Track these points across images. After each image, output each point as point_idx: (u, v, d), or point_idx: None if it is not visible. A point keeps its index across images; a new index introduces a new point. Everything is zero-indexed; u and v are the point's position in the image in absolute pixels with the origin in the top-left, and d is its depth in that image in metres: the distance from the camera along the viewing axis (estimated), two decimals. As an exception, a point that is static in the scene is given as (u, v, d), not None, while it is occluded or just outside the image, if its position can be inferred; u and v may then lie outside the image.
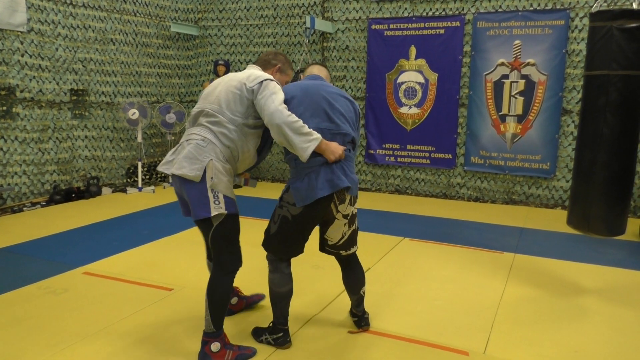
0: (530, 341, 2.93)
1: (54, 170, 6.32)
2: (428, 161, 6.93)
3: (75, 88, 6.48)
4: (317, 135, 2.54)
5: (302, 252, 2.78)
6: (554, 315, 3.29)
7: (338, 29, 7.21)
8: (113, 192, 6.91)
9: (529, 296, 3.59)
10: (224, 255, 2.59)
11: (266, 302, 3.32)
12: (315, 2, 7.28)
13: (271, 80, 2.61)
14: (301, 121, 2.51)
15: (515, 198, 6.52)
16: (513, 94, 6.31)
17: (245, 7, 7.71)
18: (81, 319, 3.12)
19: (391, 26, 6.86)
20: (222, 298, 2.60)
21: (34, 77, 5.98)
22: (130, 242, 4.66)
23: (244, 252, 2.74)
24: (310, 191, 2.57)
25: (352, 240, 2.90)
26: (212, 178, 2.49)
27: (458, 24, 6.50)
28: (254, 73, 2.65)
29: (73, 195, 6.34)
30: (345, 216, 2.77)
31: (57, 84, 6.25)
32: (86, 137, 6.69)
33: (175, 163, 2.56)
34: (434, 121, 6.82)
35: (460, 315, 3.26)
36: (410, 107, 6.94)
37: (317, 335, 2.95)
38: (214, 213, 2.49)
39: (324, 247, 2.90)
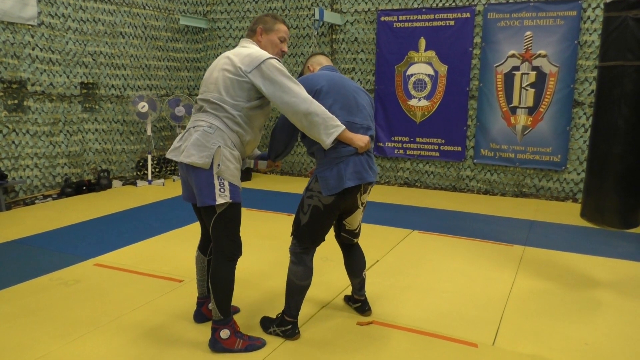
0: (540, 334, 2.92)
1: (65, 164, 6.37)
2: (437, 154, 6.90)
3: (86, 81, 6.52)
4: (340, 123, 2.54)
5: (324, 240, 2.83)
6: (564, 308, 3.28)
7: (347, 21, 7.18)
8: (123, 184, 6.96)
9: (538, 289, 3.58)
10: (224, 241, 2.59)
11: (272, 291, 3.34)
12: (324, -6, 7.25)
13: (267, 59, 2.49)
14: (323, 107, 2.52)
15: (526, 191, 6.48)
16: (524, 85, 6.25)
17: (254, 0, 7.69)
18: (92, 309, 3.15)
19: (400, 18, 6.81)
20: (226, 285, 2.60)
21: (45, 70, 6.02)
22: (141, 234, 4.70)
23: (254, 244, 2.76)
24: (339, 180, 2.60)
25: (360, 228, 3.00)
26: (219, 165, 2.48)
27: (468, 15, 6.44)
28: (247, 52, 2.56)
29: (84, 188, 6.39)
30: (362, 204, 2.87)
31: (68, 77, 6.28)
32: (96, 130, 6.73)
33: (183, 150, 2.55)
34: (444, 113, 6.78)
35: (469, 308, 3.25)
36: (419, 100, 6.90)
37: (325, 327, 2.96)
38: (219, 201, 2.48)
39: (340, 232, 2.95)
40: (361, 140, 2.61)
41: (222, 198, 2.48)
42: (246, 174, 7.34)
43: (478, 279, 3.75)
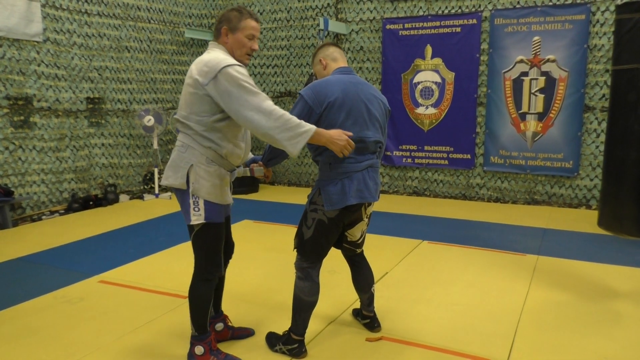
0: (556, 348, 2.81)
1: (72, 179, 6.36)
2: (446, 162, 6.80)
3: (92, 96, 6.52)
4: (307, 128, 2.29)
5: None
6: (581, 320, 3.16)
7: (352, 30, 7.13)
8: (130, 199, 6.93)
9: (553, 300, 3.46)
10: (201, 261, 2.55)
11: (280, 306, 3.26)
12: (328, 4, 7.22)
13: (224, 68, 2.26)
14: (287, 114, 2.28)
15: (538, 198, 6.35)
16: (533, 91, 6.15)
17: (258, 11, 7.68)
18: (96, 328, 3.09)
19: (406, 25, 6.76)
20: (201, 303, 2.55)
21: (51, 86, 6.03)
22: (147, 250, 4.64)
23: (261, 257, 2.68)
24: (342, 196, 2.53)
25: (364, 239, 2.92)
26: (193, 183, 2.42)
27: (475, 21, 6.37)
28: (206, 60, 2.34)
29: (91, 203, 6.38)
30: (367, 216, 2.79)
31: (74, 92, 6.29)
32: (103, 144, 6.72)
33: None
34: (452, 121, 6.69)
35: (482, 321, 3.14)
36: (427, 108, 6.82)
37: (333, 344, 2.87)
38: (192, 221, 2.44)
39: (341, 243, 2.86)
40: (334, 142, 2.34)
41: (195, 218, 2.44)
42: (253, 185, 7.28)
43: (490, 290, 3.64)
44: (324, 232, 2.63)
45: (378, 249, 4.59)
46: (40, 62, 5.89)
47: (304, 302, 2.66)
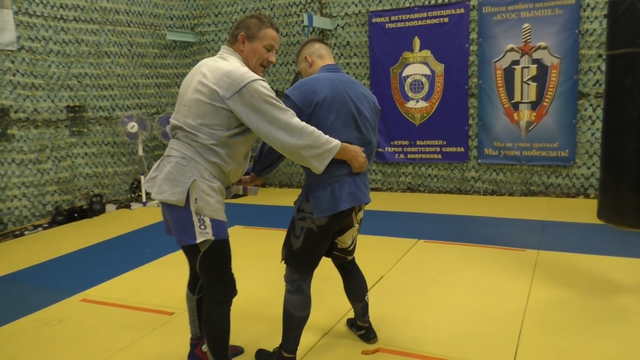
0: (563, 350, 2.65)
1: (55, 191, 6.16)
2: (439, 156, 6.64)
3: (72, 104, 6.32)
4: (334, 144, 2.25)
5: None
6: (588, 318, 3.01)
7: (338, 25, 6.95)
8: (117, 208, 6.74)
9: (557, 298, 3.31)
10: (213, 283, 2.31)
11: (273, 319, 3.09)
12: (312, -1, 7.03)
13: (250, 83, 2.11)
14: (316, 131, 2.20)
15: (534, 189, 6.21)
16: (525, 80, 6.00)
17: (241, 10, 7.49)
18: (76, 353, 2.91)
19: (392, 18, 6.58)
20: (220, 329, 2.33)
21: (28, 96, 5.82)
22: (132, 263, 4.46)
23: (252, 265, 2.50)
24: (333, 202, 2.37)
25: (355, 245, 2.74)
26: (196, 200, 2.17)
27: (462, 10, 6.20)
28: (225, 70, 2.16)
29: (75, 215, 6.18)
30: (358, 222, 2.61)
31: (52, 101, 6.08)
32: (86, 154, 6.52)
33: (156, 183, 2.26)
34: (444, 114, 6.53)
35: (484, 326, 2.99)
36: (417, 101, 6.65)
37: (327, 358, 2.70)
38: (199, 240, 2.18)
39: (331, 251, 2.68)
40: (357, 159, 2.36)
41: (202, 235, 2.19)
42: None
43: (491, 291, 3.49)
44: (314, 242, 2.46)
45: (372, 251, 4.42)
46: (16, 71, 5.68)
47: (295, 318, 2.49)
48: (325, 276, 3.73)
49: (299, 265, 2.49)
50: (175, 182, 2.18)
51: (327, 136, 2.25)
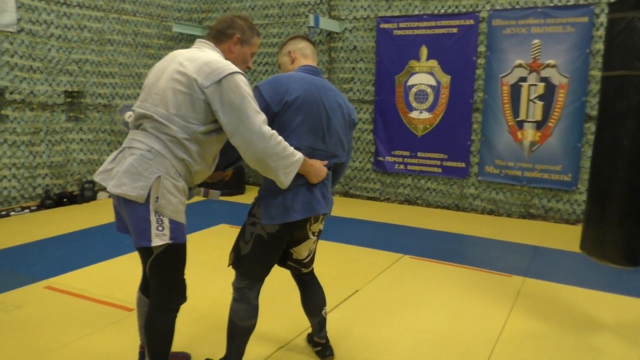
0: (528, 390, 2.47)
1: (47, 174, 6.11)
2: (440, 170, 6.46)
3: (70, 90, 6.27)
4: (298, 156, 2.14)
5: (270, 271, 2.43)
6: (559, 355, 2.82)
7: (345, 29, 6.82)
8: (110, 196, 6.65)
9: (533, 330, 3.12)
10: (162, 288, 2.16)
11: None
12: (321, 0, 6.91)
13: (232, 73, 2.03)
14: (283, 141, 2.08)
15: (533, 212, 5.99)
16: (531, 98, 5.79)
17: (250, 6, 7.40)
18: (20, 342, 2.81)
19: (401, 25, 6.43)
20: (162, 337, 2.17)
21: (25, 78, 5.78)
22: (108, 253, 4.36)
23: (215, 267, 2.36)
24: (284, 211, 2.23)
25: (313, 257, 2.61)
26: (157, 199, 2.02)
27: (472, 22, 6.02)
28: (206, 60, 2.07)
29: (65, 200, 6.12)
30: (314, 233, 2.45)
31: (50, 85, 6.04)
32: (81, 140, 6.47)
33: (113, 177, 2.07)
34: (446, 127, 6.34)
35: (449, 353, 2.81)
36: (421, 112, 6.48)
37: (276, 373, 2.56)
38: (155, 243, 2.03)
39: (285, 261, 2.53)
40: (317, 176, 2.26)
41: (159, 239, 2.03)
42: (239, 187, 6.98)
43: (465, 316, 3.31)
44: (264, 249, 2.32)
45: (353, 263, 4.28)
46: (14, 53, 5.65)
47: (238, 328, 2.36)
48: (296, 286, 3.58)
49: (246, 271, 2.35)
50: (137, 176, 2.02)
51: (292, 148, 2.12)
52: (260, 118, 2.05)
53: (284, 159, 2.08)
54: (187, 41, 7.71)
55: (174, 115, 2.04)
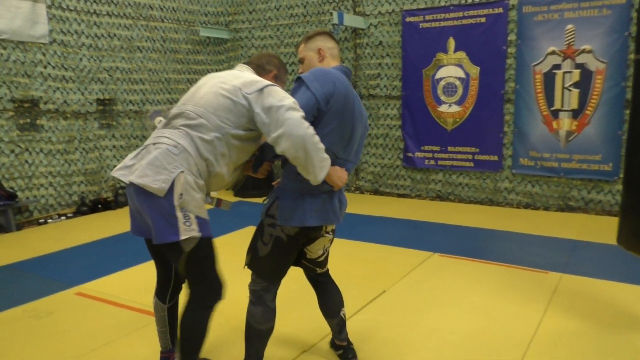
0: (562, 394, 2.34)
1: (82, 181, 6.27)
2: (472, 164, 6.27)
3: (102, 97, 6.41)
4: (328, 157, 2.10)
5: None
6: (598, 355, 2.66)
7: (370, 24, 6.71)
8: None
9: (570, 329, 2.96)
10: (201, 285, 2.15)
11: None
12: (346, -3, 6.83)
13: (273, 85, 2.12)
14: (317, 136, 2.03)
15: (572, 204, 5.73)
16: (566, 86, 5.54)
17: (275, 7, 7.39)
18: (51, 348, 2.86)
19: (427, 17, 6.27)
20: (198, 335, 2.17)
21: (58, 88, 5.95)
22: (138, 258, 4.40)
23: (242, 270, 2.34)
24: (300, 214, 2.19)
25: (327, 257, 2.55)
26: (181, 195, 2.01)
27: (501, 10, 5.81)
28: (250, 76, 2.18)
29: (99, 206, 6.27)
30: (328, 232, 2.41)
31: (82, 94, 6.19)
32: (114, 146, 6.61)
33: (135, 169, 2.07)
34: (477, 120, 6.15)
35: (477, 356, 2.70)
36: (450, 105, 6.31)
37: (298, 378, 2.52)
38: (184, 236, 2.01)
39: (299, 260, 2.49)
40: (340, 179, 2.21)
41: (187, 232, 2.02)
42: (270, 187, 6.97)
43: (498, 316, 3.18)
44: (283, 251, 2.28)
45: (381, 262, 4.19)
46: (47, 63, 5.82)
47: (255, 331, 2.32)
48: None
49: (264, 273, 2.32)
50: (160, 169, 2.01)
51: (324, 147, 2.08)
52: (299, 113, 2.02)
53: (320, 151, 2.04)
54: (214, 44, 7.77)
55: (211, 113, 2.09)
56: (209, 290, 2.17)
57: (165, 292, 2.43)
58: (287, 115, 1.99)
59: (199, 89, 2.19)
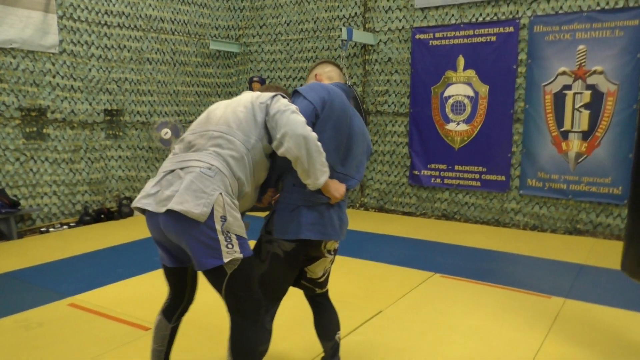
0: None
1: (86, 191, 6.28)
2: (479, 183, 6.17)
3: (110, 108, 6.45)
4: (327, 168, 2.13)
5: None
6: (600, 390, 2.55)
7: (380, 40, 6.69)
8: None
9: (570, 357, 2.84)
10: (246, 304, 2.08)
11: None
12: (356, 13, 6.83)
13: (279, 96, 2.19)
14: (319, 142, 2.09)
15: (581, 227, 5.60)
16: (577, 107, 5.45)
17: (285, 22, 7.42)
18: (36, 361, 2.81)
19: (437, 35, 6.24)
20: (251, 351, 2.09)
21: (66, 98, 5.99)
22: (135, 270, 4.38)
23: None
24: (296, 227, 2.16)
25: (328, 277, 2.49)
26: (223, 218, 1.97)
27: (512, 29, 5.76)
28: (258, 92, 2.28)
29: (102, 216, 6.26)
30: (329, 252, 2.36)
31: (90, 104, 6.23)
32: (120, 157, 6.62)
33: (166, 197, 1.97)
34: (485, 139, 6.07)
35: (473, 384, 2.60)
36: (458, 124, 6.24)
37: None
38: (227, 259, 1.96)
39: (299, 280, 2.43)
40: (337, 191, 2.19)
41: (230, 254, 1.97)
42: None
43: (496, 341, 3.07)
44: (281, 269, 2.24)
45: (380, 282, 4.10)
46: (56, 73, 5.87)
47: None
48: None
49: (264, 290, 2.25)
50: (199, 193, 1.94)
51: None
52: (302, 118, 2.09)
53: (321, 154, 2.08)
54: (224, 58, 7.80)
55: (236, 129, 2.11)
56: (255, 306, 2.10)
57: (173, 312, 2.34)
58: (291, 117, 2.06)
59: (213, 113, 2.21)
